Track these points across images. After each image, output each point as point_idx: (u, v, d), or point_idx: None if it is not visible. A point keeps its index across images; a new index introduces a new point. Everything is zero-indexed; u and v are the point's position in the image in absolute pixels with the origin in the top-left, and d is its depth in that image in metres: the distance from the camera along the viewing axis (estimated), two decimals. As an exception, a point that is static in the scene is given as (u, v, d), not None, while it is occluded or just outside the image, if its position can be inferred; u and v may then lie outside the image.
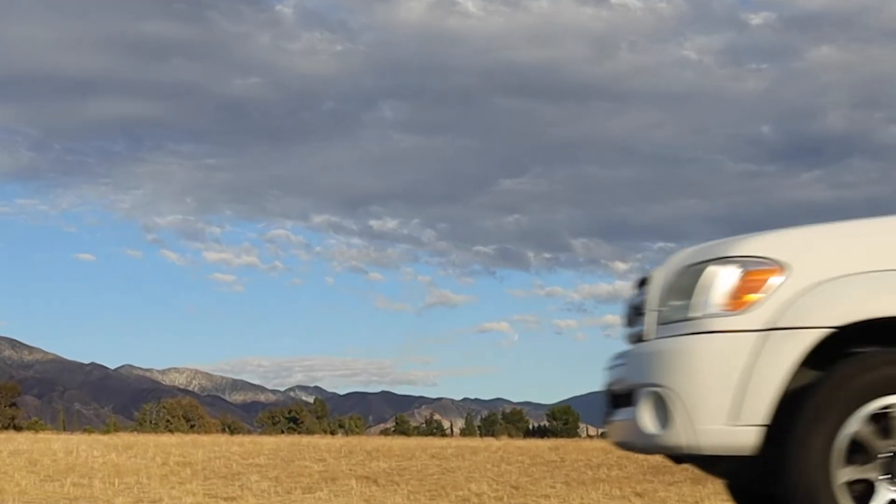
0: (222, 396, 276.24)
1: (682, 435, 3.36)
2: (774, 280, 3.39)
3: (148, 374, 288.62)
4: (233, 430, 51.70)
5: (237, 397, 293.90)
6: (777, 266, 3.43)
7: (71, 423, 62.69)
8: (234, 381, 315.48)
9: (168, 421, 55.76)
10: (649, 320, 3.74)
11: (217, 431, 48.57)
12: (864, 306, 3.34)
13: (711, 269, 3.48)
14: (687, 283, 3.55)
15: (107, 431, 42.32)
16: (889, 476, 3.25)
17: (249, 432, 49.80)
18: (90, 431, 44.26)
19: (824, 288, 3.38)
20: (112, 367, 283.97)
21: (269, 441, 21.99)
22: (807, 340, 3.30)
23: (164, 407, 60.43)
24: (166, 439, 22.36)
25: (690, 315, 3.47)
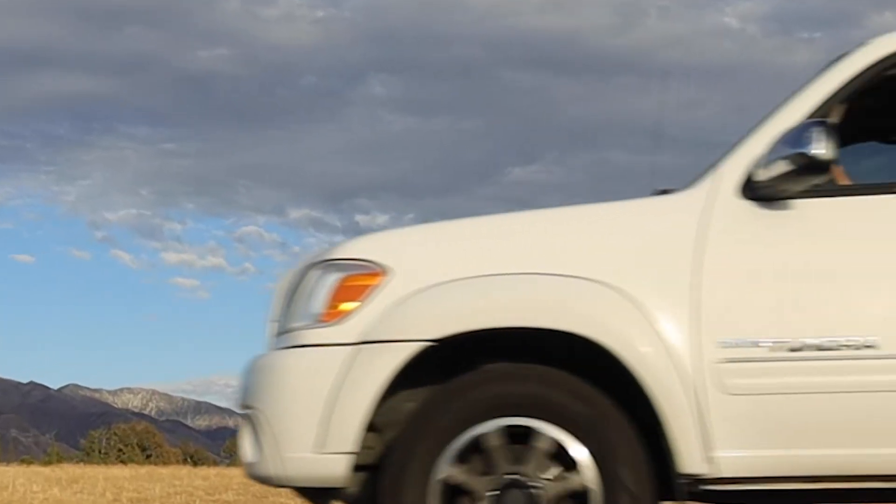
0: (183, 421, 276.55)
1: (271, 464, 3.44)
2: (375, 286, 3.45)
3: (96, 394, 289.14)
4: (196, 460, 51.61)
5: (201, 422, 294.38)
6: (379, 270, 3.48)
7: (6, 452, 62.59)
8: (198, 403, 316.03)
9: (120, 450, 55.69)
10: (269, 330, 3.82)
11: (178, 462, 48.48)
12: (464, 317, 3.41)
13: (312, 274, 3.56)
14: (294, 289, 3.64)
15: (48, 462, 42.21)
16: (495, 495, 3.34)
17: (216, 463, 49.72)
18: (29, 462, 44.15)
19: (424, 296, 3.42)
20: (54, 387, 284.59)
21: (238, 474, 21.89)
22: (400, 356, 3.36)
23: (115, 434, 60.28)
24: (118, 471, 22.23)
25: (289, 326, 3.56)
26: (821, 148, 3.31)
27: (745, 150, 3.57)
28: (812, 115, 3.56)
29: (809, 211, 3.51)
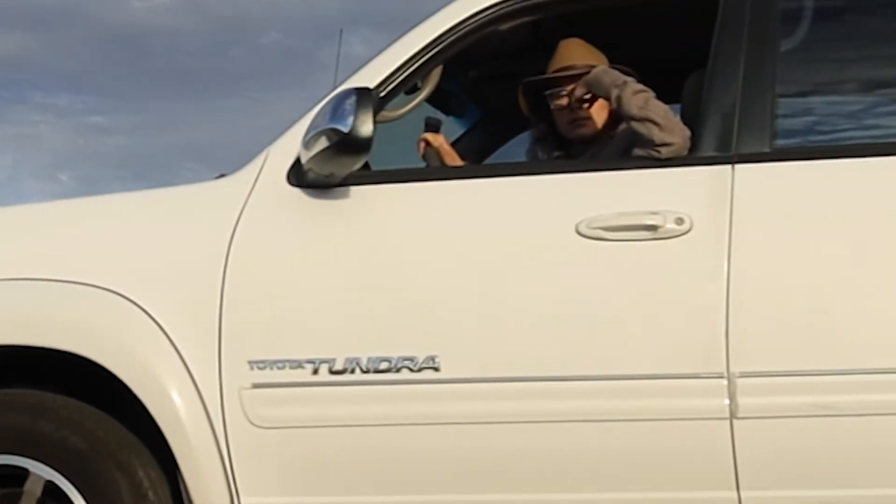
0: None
1: None
2: None
3: None
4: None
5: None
6: None
7: None
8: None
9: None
10: None
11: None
12: None
13: None
14: None
15: None
16: None
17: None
18: None
19: None
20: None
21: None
22: None
23: None
24: None
25: None
26: (354, 123, 2.64)
27: (302, 124, 2.90)
28: (392, 80, 2.92)
29: (368, 199, 2.86)
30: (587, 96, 3.16)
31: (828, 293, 2.70)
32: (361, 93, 2.67)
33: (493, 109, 3.91)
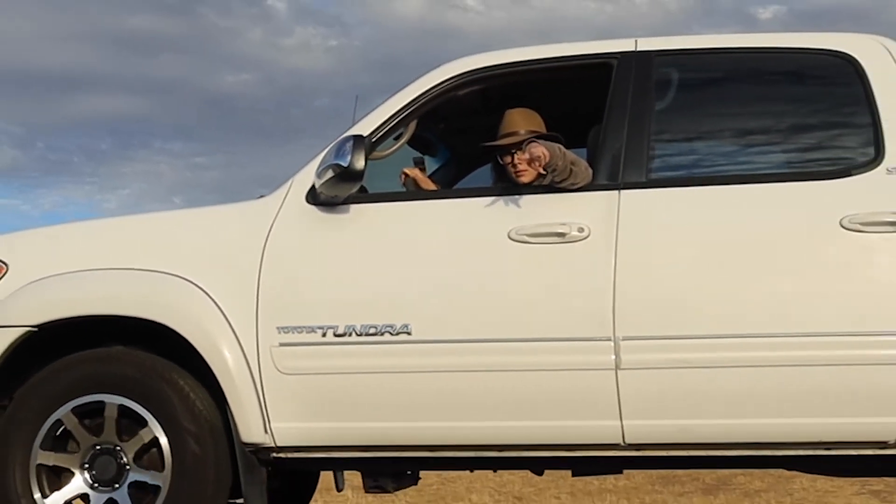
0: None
1: None
2: None
3: None
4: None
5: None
6: (1, 266, 4.03)
7: None
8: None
9: None
10: None
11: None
12: (59, 306, 3.93)
13: None
14: None
15: None
16: (87, 467, 3.90)
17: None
18: None
19: (29, 288, 3.96)
20: None
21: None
22: (6, 340, 3.91)
23: None
24: None
25: None
26: (351, 160, 3.75)
27: (316, 161, 3.99)
28: (381, 129, 4.01)
29: (363, 214, 3.94)
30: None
31: (685, 280, 3.77)
32: (357, 138, 3.78)
33: (458, 151, 4.98)
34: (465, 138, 4.72)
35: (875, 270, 3.74)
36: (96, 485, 3.91)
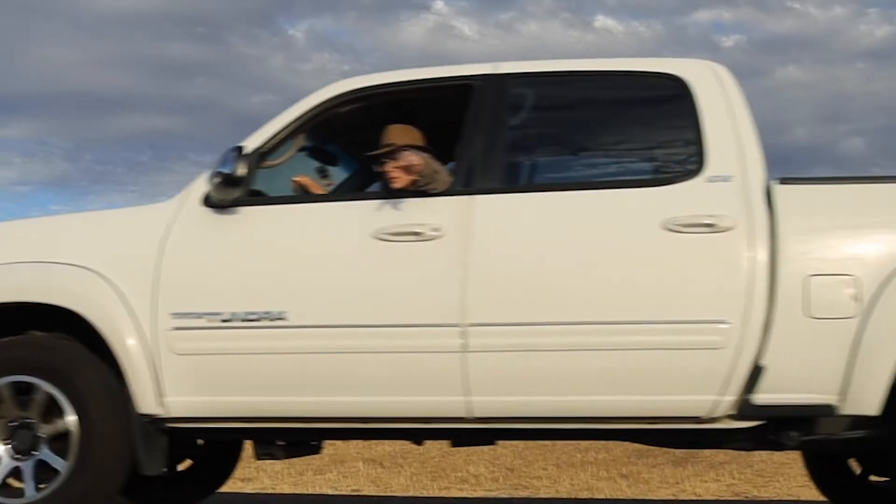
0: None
1: None
2: None
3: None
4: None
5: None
6: None
7: None
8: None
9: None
10: None
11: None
12: None
13: None
14: None
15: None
16: (12, 443, 4.41)
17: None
18: None
19: None
20: None
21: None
22: None
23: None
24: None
25: None
26: (234, 168, 4.30)
27: (210, 169, 4.54)
28: (271, 141, 4.56)
29: (250, 215, 4.48)
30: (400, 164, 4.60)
31: (527, 275, 4.27)
32: (239, 149, 4.34)
33: (363, 162, 5.50)
34: (365, 151, 5.26)
35: (689, 266, 4.21)
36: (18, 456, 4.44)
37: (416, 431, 4.49)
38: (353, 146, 5.32)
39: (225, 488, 5.80)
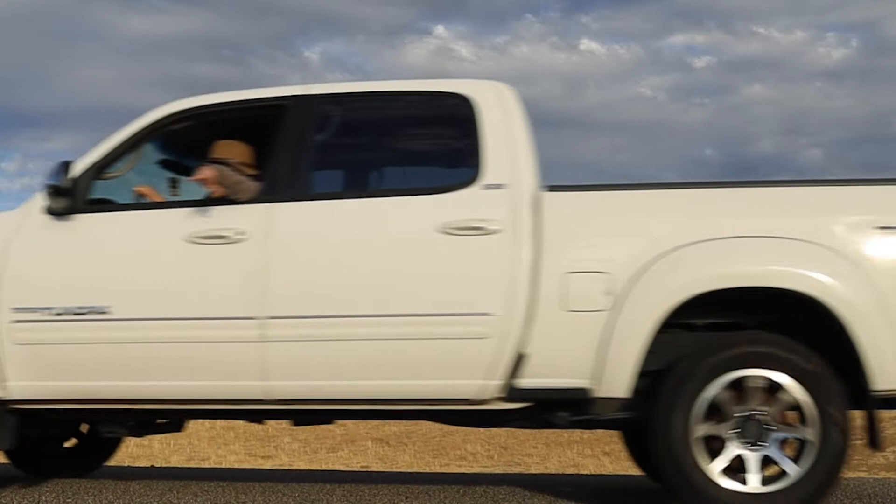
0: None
1: None
2: None
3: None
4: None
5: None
6: None
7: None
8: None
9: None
10: None
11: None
12: None
13: None
14: None
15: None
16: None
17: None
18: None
19: None
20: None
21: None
22: None
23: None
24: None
25: None
26: (60, 179, 4.87)
27: (52, 181, 5.09)
28: (109, 155, 5.10)
29: (82, 222, 5.01)
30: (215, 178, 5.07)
31: (320, 272, 4.77)
32: (64, 163, 4.90)
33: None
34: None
35: (461, 265, 4.70)
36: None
37: (223, 412, 5.01)
38: (206, 160, 5.85)
39: (246, 464, 6.34)
